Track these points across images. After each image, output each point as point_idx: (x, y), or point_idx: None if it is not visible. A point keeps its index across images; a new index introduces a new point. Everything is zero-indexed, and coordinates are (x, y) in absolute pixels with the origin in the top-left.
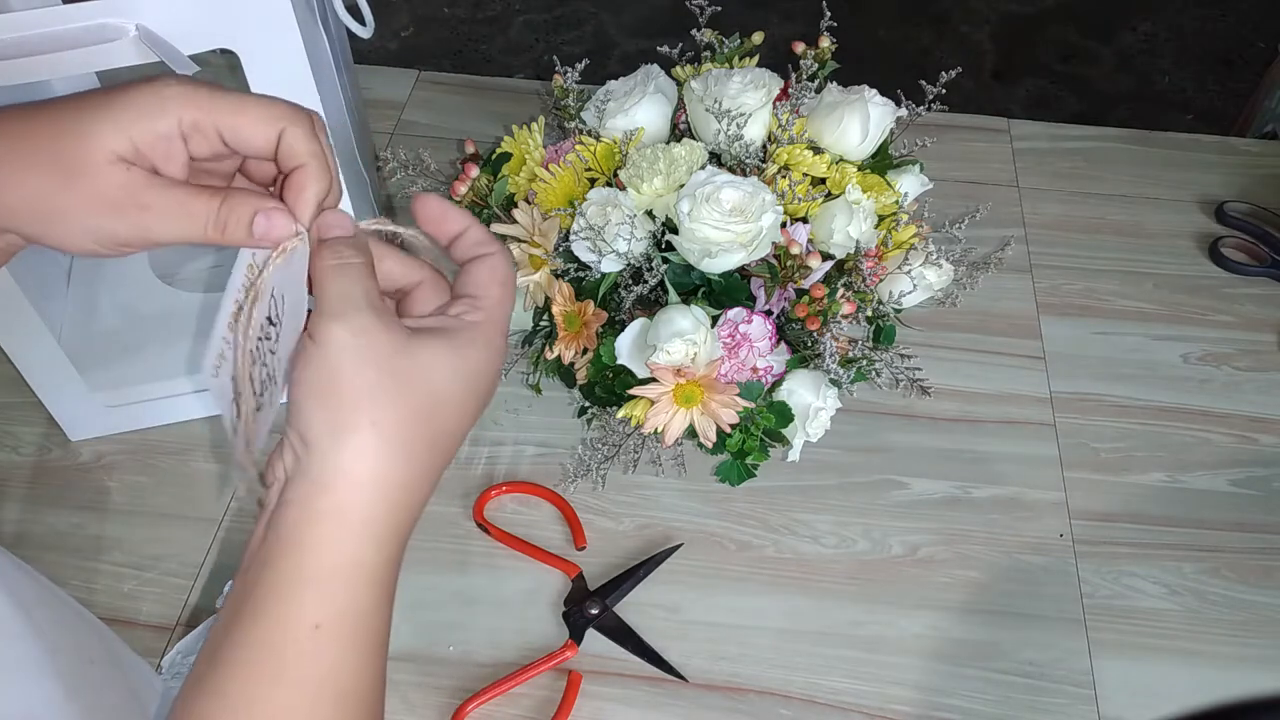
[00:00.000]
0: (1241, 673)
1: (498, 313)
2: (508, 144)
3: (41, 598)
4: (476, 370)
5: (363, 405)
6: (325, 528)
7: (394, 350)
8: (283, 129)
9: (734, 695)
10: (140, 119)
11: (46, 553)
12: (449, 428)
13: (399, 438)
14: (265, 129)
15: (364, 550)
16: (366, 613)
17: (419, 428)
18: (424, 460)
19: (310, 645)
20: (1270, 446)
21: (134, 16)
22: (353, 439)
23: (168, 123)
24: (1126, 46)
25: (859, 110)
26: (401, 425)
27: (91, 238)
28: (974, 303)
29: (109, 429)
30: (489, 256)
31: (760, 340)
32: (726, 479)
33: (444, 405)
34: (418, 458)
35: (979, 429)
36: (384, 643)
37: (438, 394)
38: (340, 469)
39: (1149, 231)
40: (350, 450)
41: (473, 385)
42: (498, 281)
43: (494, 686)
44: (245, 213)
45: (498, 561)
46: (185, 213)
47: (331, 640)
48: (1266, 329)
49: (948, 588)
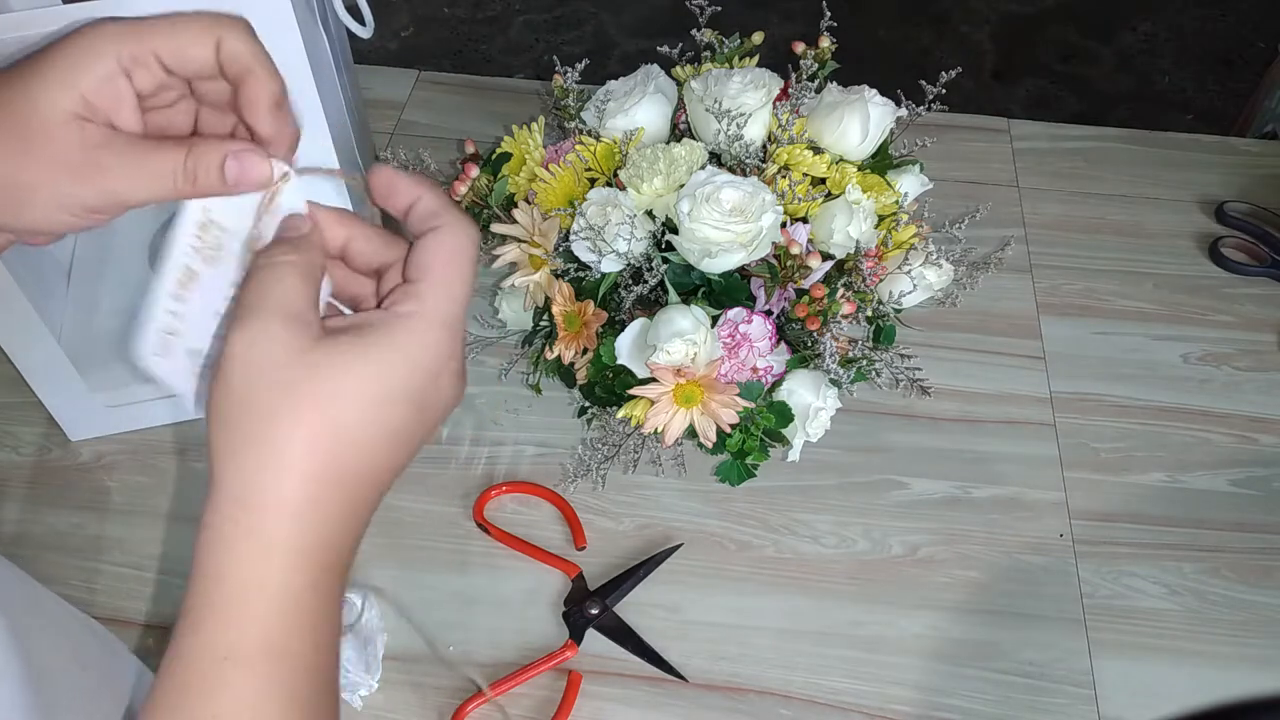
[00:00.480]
0: (1241, 673)
1: (436, 299)
2: (508, 144)
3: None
4: (397, 371)
5: (247, 420)
6: (222, 552)
7: (289, 358)
8: (219, 37)
9: (734, 695)
10: (80, 67)
11: (46, 553)
12: (360, 438)
13: (290, 454)
14: (201, 40)
15: (268, 575)
16: (281, 644)
17: (317, 443)
18: (326, 478)
19: (217, 677)
20: (1270, 446)
21: None
22: (238, 458)
23: (106, 64)
24: (1126, 46)
25: (859, 110)
26: (292, 442)
27: (61, 208)
28: (974, 303)
29: (109, 429)
30: (436, 230)
31: (760, 340)
32: (726, 479)
33: (350, 414)
34: (317, 477)
35: (979, 429)
36: (314, 678)
37: (341, 402)
38: (231, 492)
39: (1149, 231)
40: (236, 469)
41: (397, 387)
42: (442, 260)
43: (494, 686)
44: (214, 158)
45: (498, 561)
46: (148, 169)
47: (241, 671)
48: (1266, 329)
49: (948, 588)
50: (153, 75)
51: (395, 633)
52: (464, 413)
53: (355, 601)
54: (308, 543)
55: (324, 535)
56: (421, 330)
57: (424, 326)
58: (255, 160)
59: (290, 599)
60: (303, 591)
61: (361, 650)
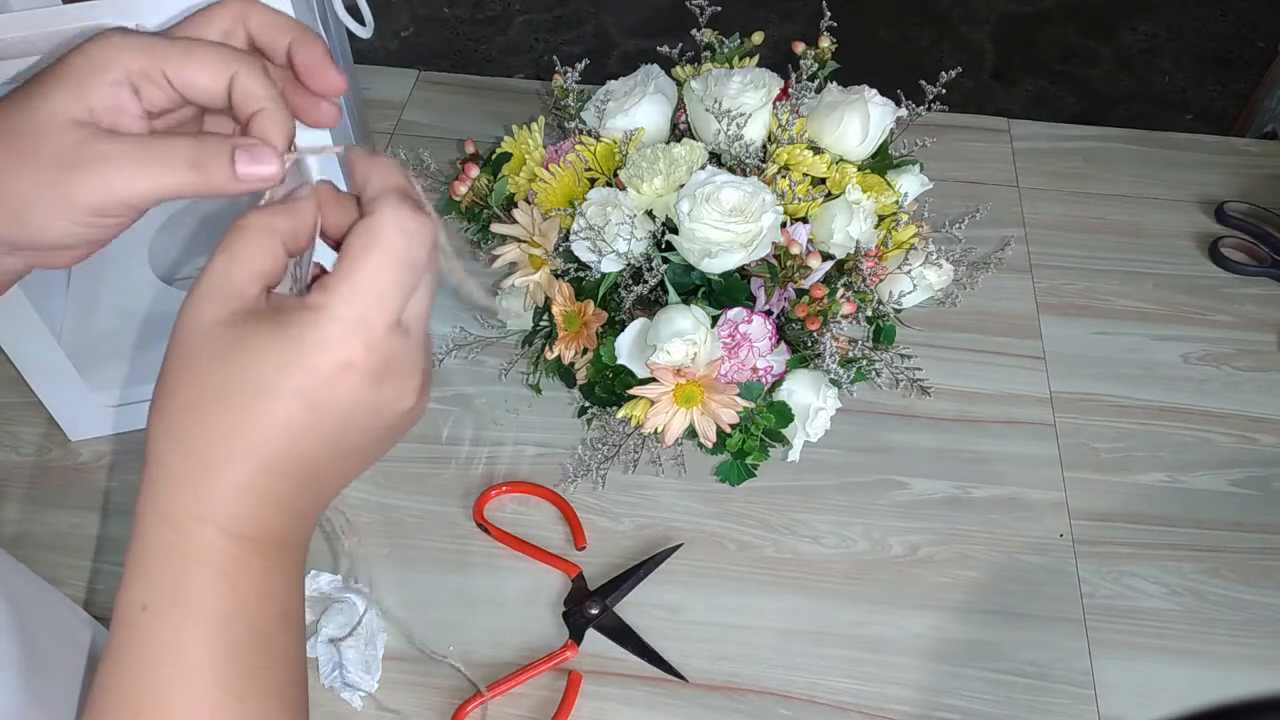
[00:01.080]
0: (1241, 673)
1: (341, 294)
2: (508, 144)
3: (40, 600)
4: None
5: (161, 380)
6: (138, 512)
7: (208, 330)
8: (234, 72)
9: (734, 695)
10: (85, 77)
11: (46, 553)
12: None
13: (182, 422)
14: (214, 70)
15: (165, 534)
16: (196, 594)
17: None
18: (213, 453)
19: (136, 624)
20: (1270, 446)
21: (134, 17)
22: (151, 416)
23: (115, 73)
24: (1126, 46)
25: (859, 110)
26: (187, 410)
27: (61, 214)
28: (974, 303)
29: (109, 429)
30: (374, 215)
31: (760, 340)
32: (726, 479)
33: (241, 396)
34: (201, 450)
35: (979, 429)
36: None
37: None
38: (145, 452)
39: (1149, 231)
40: (150, 427)
41: (286, 380)
42: (356, 251)
43: (494, 686)
44: (223, 149)
45: (498, 561)
46: (152, 155)
47: (159, 619)
48: (1266, 329)
49: (948, 588)
50: (162, 93)
51: (395, 633)
52: (464, 413)
53: (356, 602)
54: (200, 506)
55: (221, 504)
56: (315, 326)
57: (318, 321)
58: (268, 155)
59: (193, 555)
60: (202, 548)
61: (361, 650)
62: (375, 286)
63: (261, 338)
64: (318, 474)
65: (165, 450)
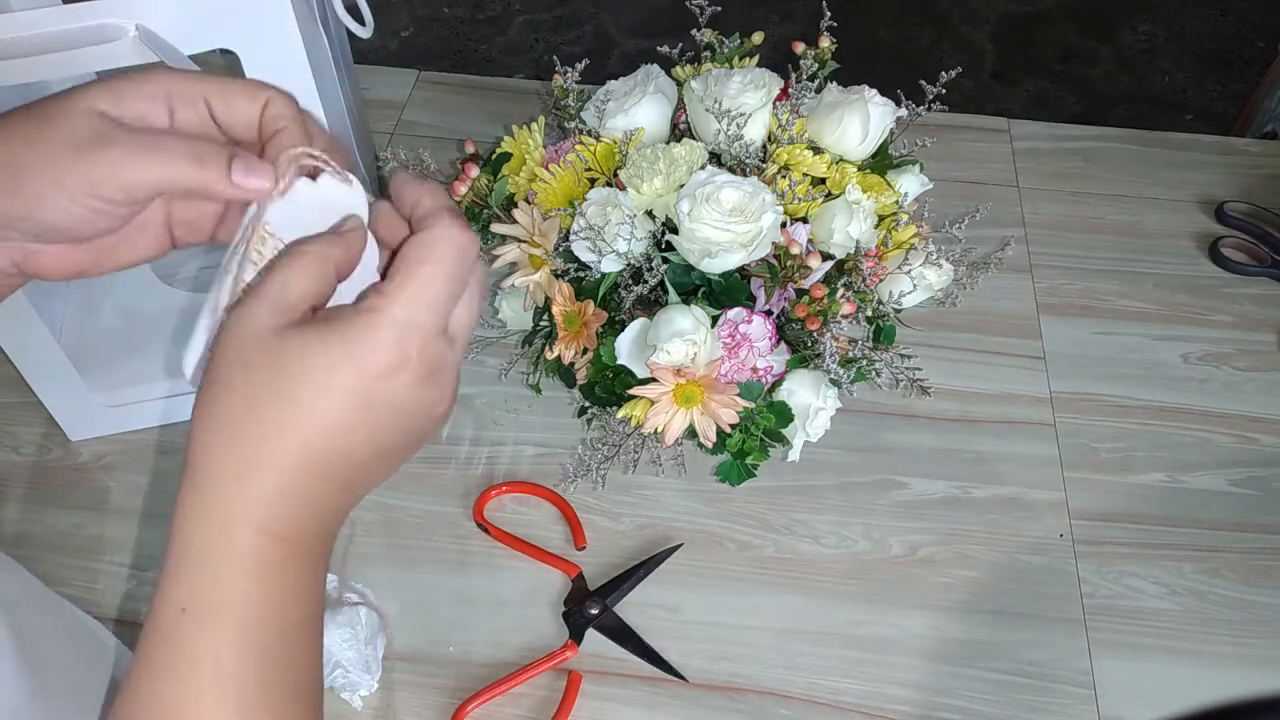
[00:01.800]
0: (1241, 673)
1: (397, 299)
2: (508, 144)
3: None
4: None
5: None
6: (180, 514)
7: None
8: (267, 99)
9: (734, 695)
10: (127, 86)
11: (47, 553)
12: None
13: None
14: (250, 96)
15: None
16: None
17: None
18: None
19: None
20: (1270, 446)
21: (134, 16)
22: (199, 425)
23: (154, 87)
24: (1126, 46)
25: (859, 110)
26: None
27: (66, 191)
28: (974, 303)
29: (109, 429)
30: (422, 231)
31: (760, 340)
32: (726, 479)
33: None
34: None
35: (979, 429)
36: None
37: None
38: (189, 459)
39: (1149, 231)
40: (195, 436)
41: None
42: (411, 260)
43: (494, 686)
44: (223, 151)
45: (498, 561)
46: (158, 144)
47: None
48: (1266, 329)
49: (948, 588)
50: (197, 115)
51: (396, 632)
52: (464, 413)
53: (356, 601)
54: (250, 513)
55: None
56: (373, 328)
57: (376, 324)
58: (262, 168)
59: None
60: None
61: (361, 650)
62: (429, 294)
63: (313, 341)
64: (359, 472)
65: (212, 451)
